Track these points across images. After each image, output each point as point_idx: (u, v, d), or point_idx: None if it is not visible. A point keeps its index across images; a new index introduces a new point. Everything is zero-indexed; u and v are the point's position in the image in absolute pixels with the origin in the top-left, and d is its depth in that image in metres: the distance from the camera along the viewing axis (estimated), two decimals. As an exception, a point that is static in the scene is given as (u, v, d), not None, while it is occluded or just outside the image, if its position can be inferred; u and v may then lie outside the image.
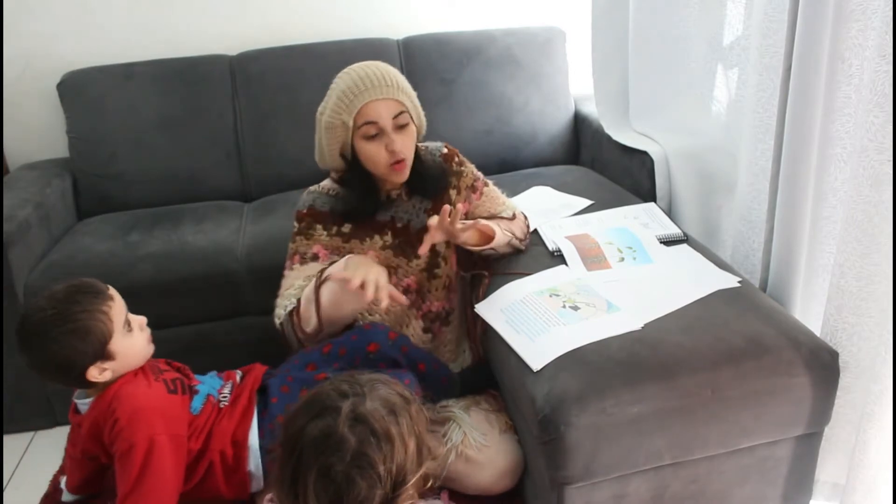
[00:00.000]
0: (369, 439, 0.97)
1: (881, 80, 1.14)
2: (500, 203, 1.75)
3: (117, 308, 1.34)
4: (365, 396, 1.01)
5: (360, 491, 0.96)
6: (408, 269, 1.63)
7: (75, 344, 1.28)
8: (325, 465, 0.96)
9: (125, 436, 1.30)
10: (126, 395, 1.33)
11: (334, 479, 0.96)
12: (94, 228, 2.13)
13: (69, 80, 2.29)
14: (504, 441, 1.50)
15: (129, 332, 1.36)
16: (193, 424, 1.39)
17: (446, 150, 1.68)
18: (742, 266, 1.64)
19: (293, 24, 2.47)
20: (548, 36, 2.45)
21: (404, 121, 1.51)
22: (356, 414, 0.99)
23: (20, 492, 1.71)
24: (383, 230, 1.62)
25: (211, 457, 1.38)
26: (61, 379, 1.33)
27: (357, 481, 0.96)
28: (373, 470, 0.96)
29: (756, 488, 1.38)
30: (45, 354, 1.28)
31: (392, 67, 1.54)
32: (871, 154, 1.18)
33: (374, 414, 0.99)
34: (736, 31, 1.72)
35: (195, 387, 1.45)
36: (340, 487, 0.96)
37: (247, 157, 2.35)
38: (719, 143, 1.84)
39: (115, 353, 1.33)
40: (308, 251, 1.57)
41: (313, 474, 0.96)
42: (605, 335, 1.33)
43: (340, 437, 0.97)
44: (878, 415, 1.23)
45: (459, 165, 1.68)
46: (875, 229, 1.22)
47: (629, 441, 1.24)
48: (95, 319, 1.30)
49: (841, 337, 1.32)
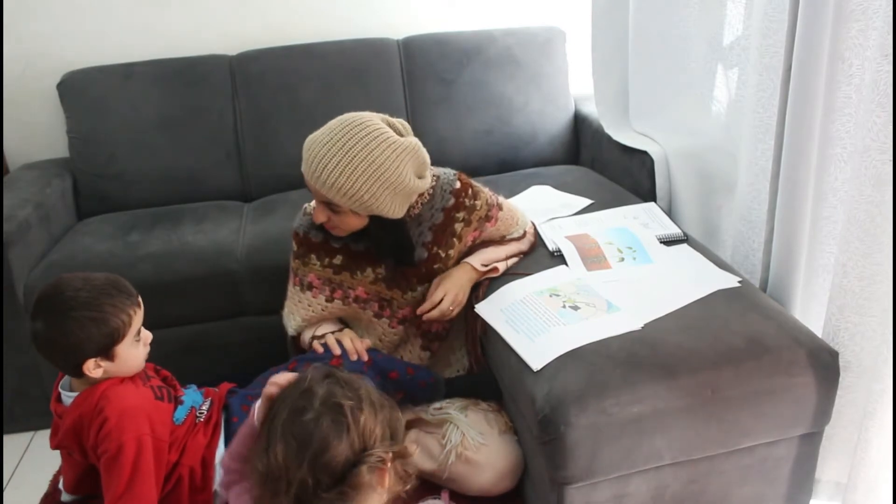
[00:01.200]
0: (337, 388, 1.02)
1: (883, 80, 1.14)
2: (513, 225, 1.70)
3: (138, 317, 1.37)
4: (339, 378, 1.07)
5: (328, 430, 0.97)
6: (402, 301, 1.61)
7: (91, 331, 1.29)
8: (295, 407, 1.00)
9: (114, 436, 1.30)
10: (115, 396, 1.33)
11: (303, 420, 0.98)
12: (94, 228, 2.13)
13: (69, 80, 2.29)
14: (504, 442, 1.50)
15: (136, 342, 1.37)
16: (174, 434, 1.39)
17: (458, 185, 1.59)
18: (742, 266, 1.64)
19: (293, 24, 2.47)
20: (548, 36, 2.45)
21: (335, 209, 1.45)
22: (325, 372, 1.05)
23: (20, 492, 1.71)
24: (377, 263, 1.59)
25: (181, 472, 1.39)
26: (58, 359, 1.33)
27: (324, 421, 0.97)
28: (340, 414, 0.99)
29: (756, 488, 1.38)
30: (59, 329, 1.28)
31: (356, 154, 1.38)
32: (874, 154, 1.18)
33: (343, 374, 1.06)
34: (736, 31, 1.72)
35: (180, 397, 1.46)
36: (307, 427, 0.97)
37: (247, 157, 2.35)
38: (719, 143, 1.84)
39: (117, 355, 1.33)
40: (305, 278, 1.60)
41: (283, 418, 0.99)
42: (605, 335, 1.33)
43: (311, 388, 1.02)
44: (880, 414, 1.23)
45: (473, 199, 1.60)
46: (877, 229, 1.22)
47: (629, 441, 1.24)
48: (118, 318, 1.31)
49: (843, 336, 1.32)
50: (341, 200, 1.41)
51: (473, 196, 1.61)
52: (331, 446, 0.96)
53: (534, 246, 1.73)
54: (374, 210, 1.44)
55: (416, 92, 2.38)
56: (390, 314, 1.62)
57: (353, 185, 1.38)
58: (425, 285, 1.60)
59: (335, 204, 1.43)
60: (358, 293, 1.60)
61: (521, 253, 1.70)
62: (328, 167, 1.38)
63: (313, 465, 0.95)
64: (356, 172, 1.38)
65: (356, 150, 1.38)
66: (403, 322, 1.63)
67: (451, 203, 1.58)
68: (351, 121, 1.41)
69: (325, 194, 1.42)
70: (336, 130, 1.40)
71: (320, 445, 0.96)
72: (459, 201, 1.59)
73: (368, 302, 1.61)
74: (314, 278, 1.59)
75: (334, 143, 1.39)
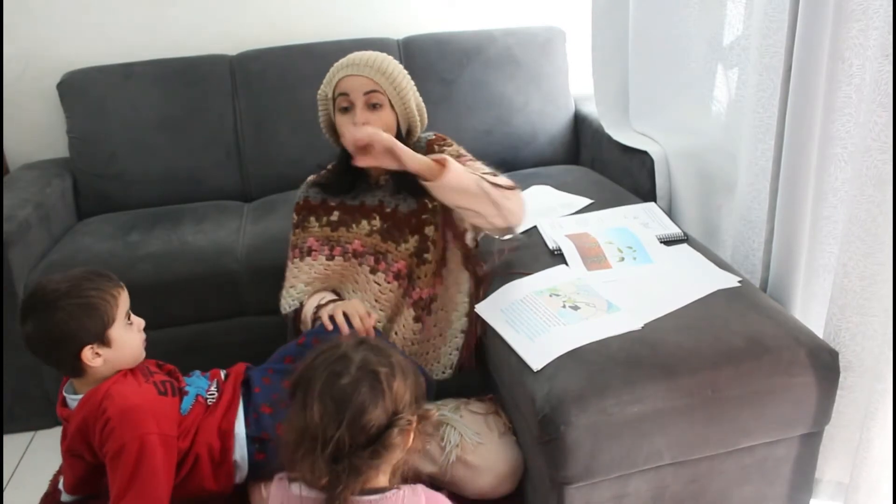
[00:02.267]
0: (372, 355, 1.07)
1: (884, 80, 1.14)
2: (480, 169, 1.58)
3: (124, 298, 1.38)
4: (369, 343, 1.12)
5: (366, 396, 1.03)
6: (397, 253, 1.63)
7: (80, 317, 1.30)
8: (333, 372, 1.04)
9: (116, 435, 1.30)
10: (117, 394, 1.33)
11: (341, 384, 1.03)
12: (94, 228, 2.13)
13: (69, 80, 2.29)
14: (504, 445, 1.50)
15: (129, 325, 1.38)
16: (183, 425, 1.39)
17: (433, 137, 1.68)
18: (742, 266, 1.64)
19: (293, 24, 2.47)
20: (548, 36, 2.45)
21: (375, 100, 1.53)
22: (361, 341, 1.11)
23: (20, 492, 1.71)
24: (371, 215, 1.64)
25: (197, 450, 1.39)
26: (55, 354, 1.33)
27: (363, 387, 1.03)
28: (377, 381, 1.04)
29: (756, 488, 1.37)
30: (48, 324, 1.30)
31: (392, 60, 1.57)
32: (875, 154, 1.18)
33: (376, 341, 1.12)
34: (736, 31, 1.72)
35: (184, 388, 1.46)
36: (346, 391, 1.02)
37: (247, 157, 2.35)
38: (719, 143, 1.84)
39: (112, 340, 1.34)
40: (304, 245, 1.64)
41: (321, 382, 1.04)
42: (605, 335, 1.33)
43: (347, 354, 1.07)
44: (882, 413, 1.23)
45: (445, 146, 1.67)
46: (878, 229, 1.22)
47: (629, 441, 1.24)
48: (104, 300, 1.33)
49: (844, 336, 1.32)
50: (384, 82, 1.53)
51: (446, 144, 1.68)
52: (367, 410, 1.02)
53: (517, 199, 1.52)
54: (405, 103, 1.58)
55: (416, 91, 2.37)
56: (385, 268, 1.62)
57: (394, 71, 1.55)
58: (415, 236, 1.62)
59: (378, 93, 1.53)
60: (355, 247, 1.63)
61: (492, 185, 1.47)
62: (377, 57, 1.55)
63: (351, 427, 1.01)
64: (393, 64, 1.57)
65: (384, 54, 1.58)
66: (398, 277, 1.62)
67: (424, 152, 1.59)
68: None
69: (373, 78, 1.52)
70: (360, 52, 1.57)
71: (358, 409, 1.01)
72: (430, 150, 1.64)
73: (364, 256, 1.63)
74: (313, 241, 1.64)
75: (366, 52, 1.57)
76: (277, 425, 1.40)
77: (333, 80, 1.56)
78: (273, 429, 1.41)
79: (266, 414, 1.43)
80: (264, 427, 1.41)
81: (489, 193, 1.47)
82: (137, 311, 1.43)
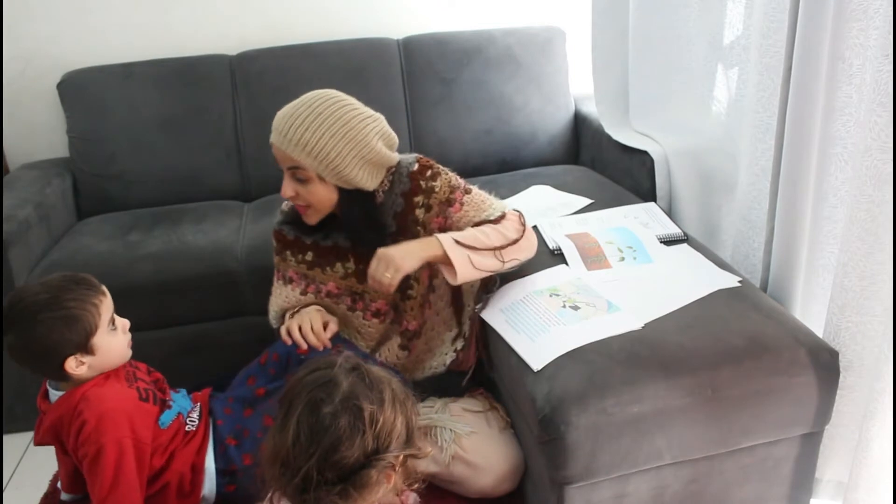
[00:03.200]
0: (361, 387, 1.00)
1: (884, 80, 1.14)
2: (484, 209, 1.54)
3: (106, 304, 1.35)
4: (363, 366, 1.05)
5: (343, 431, 0.96)
6: (375, 294, 1.57)
7: (62, 330, 1.28)
8: (315, 399, 0.98)
9: (94, 439, 1.29)
10: (94, 398, 1.32)
11: (320, 413, 0.97)
12: (94, 228, 2.13)
13: (69, 80, 2.29)
14: (504, 442, 1.50)
15: (113, 330, 1.36)
16: (158, 439, 1.37)
17: (416, 167, 1.52)
18: (742, 266, 1.64)
19: (293, 24, 2.47)
20: (548, 36, 2.45)
21: (301, 176, 1.43)
22: (353, 365, 1.03)
23: (20, 492, 1.71)
24: (346, 256, 1.57)
25: (169, 477, 1.38)
26: (39, 365, 1.32)
27: (341, 421, 0.97)
28: (359, 417, 0.97)
29: (756, 488, 1.38)
30: (30, 337, 1.27)
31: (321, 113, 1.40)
32: (875, 154, 1.18)
33: (373, 373, 1.03)
34: (736, 30, 1.72)
35: (168, 401, 1.45)
36: (322, 423, 0.96)
37: (247, 157, 2.35)
38: (719, 143, 1.84)
39: (96, 348, 1.32)
40: (286, 273, 1.62)
41: (301, 405, 0.98)
42: (606, 335, 1.33)
43: (335, 379, 1.00)
44: (882, 413, 1.23)
45: (430, 181, 1.51)
46: (879, 228, 1.22)
47: (629, 441, 1.24)
48: (84, 310, 1.30)
49: (844, 336, 1.32)
50: (307, 160, 1.40)
51: (431, 178, 1.52)
52: (343, 446, 0.96)
53: (528, 242, 1.53)
54: (342, 174, 1.42)
55: (415, 92, 2.37)
56: (363, 307, 1.60)
57: (320, 142, 1.38)
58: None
59: (302, 170, 1.42)
60: (329, 288, 1.59)
61: (511, 243, 1.48)
62: (295, 124, 1.39)
63: (322, 460, 0.95)
64: (322, 128, 1.38)
65: (323, 108, 1.40)
66: (377, 315, 1.60)
67: (408, 187, 1.51)
68: (319, 91, 1.45)
69: (290, 154, 1.40)
70: (305, 98, 1.44)
71: (332, 443, 0.96)
72: (416, 184, 1.51)
73: (341, 297, 1.60)
74: (293, 273, 1.61)
75: (303, 105, 1.41)
76: (244, 455, 1.40)
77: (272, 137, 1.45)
78: (240, 459, 1.41)
79: (231, 446, 1.42)
80: (231, 459, 1.41)
81: (504, 261, 1.47)
82: (137, 311, 1.43)
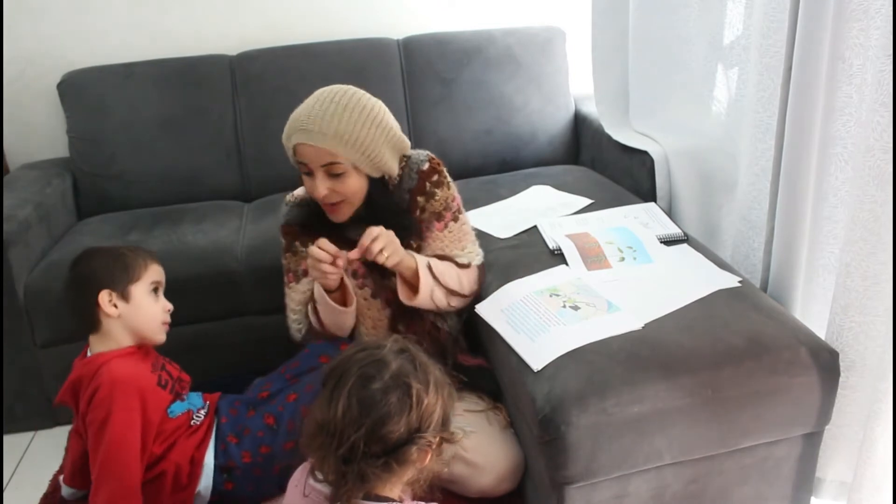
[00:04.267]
0: (409, 367, 1.04)
1: (885, 80, 1.14)
2: (460, 247, 1.58)
3: (155, 269, 1.48)
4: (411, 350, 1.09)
5: (392, 406, 1.00)
6: (381, 285, 1.58)
7: (108, 262, 1.42)
8: (365, 374, 1.02)
9: (105, 405, 1.33)
10: (116, 367, 1.37)
11: (372, 388, 1.01)
12: (94, 228, 2.13)
13: (69, 80, 2.29)
14: (505, 441, 1.50)
15: (154, 293, 1.46)
16: (164, 426, 1.41)
17: (427, 167, 1.55)
18: (742, 266, 1.64)
19: (293, 24, 2.47)
20: (548, 36, 2.45)
21: (337, 171, 1.43)
22: (401, 347, 1.07)
23: (20, 492, 1.71)
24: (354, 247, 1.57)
25: (165, 467, 1.40)
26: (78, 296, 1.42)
27: (391, 397, 1.00)
28: (407, 394, 1.02)
29: (756, 488, 1.37)
30: (83, 268, 1.43)
31: (348, 107, 1.42)
32: (877, 154, 1.18)
33: (419, 356, 1.07)
34: (736, 30, 1.72)
35: (183, 395, 1.48)
36: (374, 397, 1.00)
37: (247, 157, 2.35)
38: (719, 143, 1.84)
39: (132, 296, 1.41)
40: (298, 268, 1.60)
41: (352, 381, 1.02)
42: (606, 335, 1.33)
43: (385, 359, 1.04)
44: (885, 413, 1.23)
45: (434, 186, 1.55)
46: (881, 228, 1.22)
47: (629, 441, 1.24)
48: (133, 258, 1.44)
49: (847, 336, 1.32)
50: (344, 150, 1.41)
51: (436, 184, 1.56)
52: (391, 421, 0.99)
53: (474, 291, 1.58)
54: (375, 160, 1.45)
55: (415, 92, 2.37)
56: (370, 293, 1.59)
57: (353, 130, 1.41)
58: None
59: (337, 164, 1.42)
60: (355, 267, 1.57)
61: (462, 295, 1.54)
62: (325, 117, 1.40)
63: (370, 433, 0.99)
64: (352, 117, 1.41)
65: (346, 100, 1.43)
66: (390, 305, 1.59)
67: (415, 184, 1.55)
68: (331, 87, 1.47)
69: (327, 148, 1.41)
70: (321, 94, 1.45)
71: (381, 417, 0.99)
72: (422, 183, 1.55)
73: (366, 278, 1.58)
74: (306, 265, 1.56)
75: (324, 101, 1.43)
76: (243, 453, 1.42)
77: (290, 141, 1.45)
78: (240, 458, 1.42)
79: (232, 444, 1.43)
80: (231, 456, 1.42)
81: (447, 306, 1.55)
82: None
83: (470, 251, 1.61)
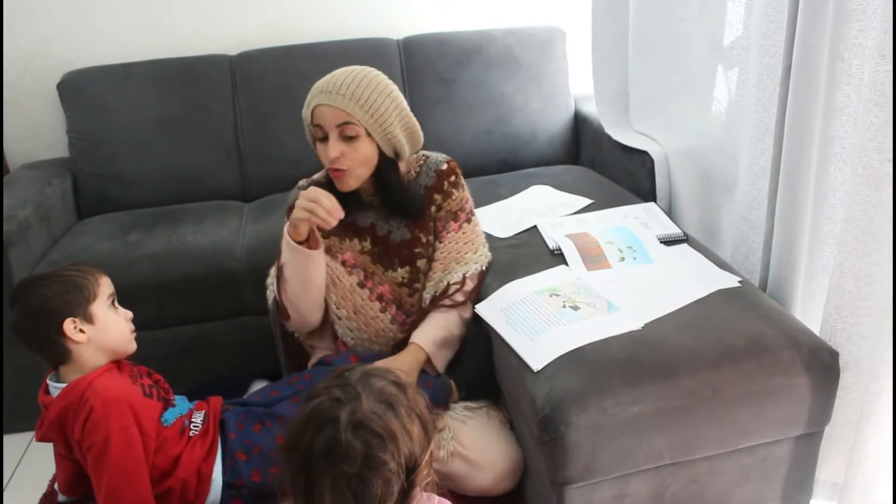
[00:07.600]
0: (374, 441, 0.99)
1: (881, 80, 1.14)
2: (472, 249, 1.64)
3: (105, 282, 1.40)
4: (360, 398, 1.01)
5: (377, 489, 0.98)
6: (383, 277, 1.60)
7: (61, 292, 1.33)
8: (337, 473, 0.98)
9: (101, 426, 1.28)
10: (101, 386, 1.32)
11: (349, 484, 0.98)
12: (94, 228, 2.13)
13: (69, 80, 2.29)
14: (504, 439, 1.50)
15: (113, 307, 1.39)
16: (161, 436, 1.37)
17: (445, 167, 1.62)
18: (742, 266, 1.64)
19: (293, 24, 2.47)
20: (548, 36, 2.45)
21: (350, 132, 1.46)
22: (355, 420, 1.00)
23: (20, 492, 1.71)
24: (363, 235, 1.61)
25: (173, 483, 1.37)
26: (39, 333, 1.33)
27: (371, 481, 0.98)
28: (385, 468, 0.99)
29: (756, 488, 1.38)
30: (31, 302, 1.33)
31: (373, 80, 1.49)
32: (871, 154, 1.18)
33: (372, 415, 1.01)
34: (736, 31, 1.72)
35: (171, 399, 1.45)
36: (357, 490, 0.98)
37: (247, 157, 2.35)
38: (719, 143, 1.84)
39: (95, 317, 1.35)
40: None
41: (328, 484, 0.99)
42: (606, 335, 1.33)
43: (346, 445, 0.98)
44: (877, 414, 1.23)
45: (451, 187, 1.61)
46: (876, 229, 1.22)
47: (629, 441, 1.24)
48: (83, 277, 1.36)
49: (840, 337, 1.32)
50: (360, 113, 1.45)
51: (454, 185, 1.62)
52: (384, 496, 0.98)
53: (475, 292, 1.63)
54: (388, 131, 1.49)
55: (416, 92, 2.38)
56: (372, 286, 1.61)
57: (371, 96, 1.47)
58: (406, 268, 1.60)
59: (351, 125, 1.46)
60: (346, 257, 1.61)
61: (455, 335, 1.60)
62: (346, 81, 1.46)
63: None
64: (371, 86, 1.48)
65: (368, 74, 1.50)
66: (381, 300, 1.61)
67: (433, 182, 1.60)
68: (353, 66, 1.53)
69: (344, 108, 1.45)
70: (346, 68, 1.51)
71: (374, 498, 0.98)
72: (440, 182, 1.61)
73: (355, 269, 1.61)
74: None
75: (349, 71, 1.50)
76: (253, 472, 1.40)
77: (310, 105, 1.49)
78: (249, 476, 1.40)
79: (241, 461, 1.41)
80: (241, 474, 1.40)
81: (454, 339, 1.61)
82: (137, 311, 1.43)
83: (481, 254, 1.66)
